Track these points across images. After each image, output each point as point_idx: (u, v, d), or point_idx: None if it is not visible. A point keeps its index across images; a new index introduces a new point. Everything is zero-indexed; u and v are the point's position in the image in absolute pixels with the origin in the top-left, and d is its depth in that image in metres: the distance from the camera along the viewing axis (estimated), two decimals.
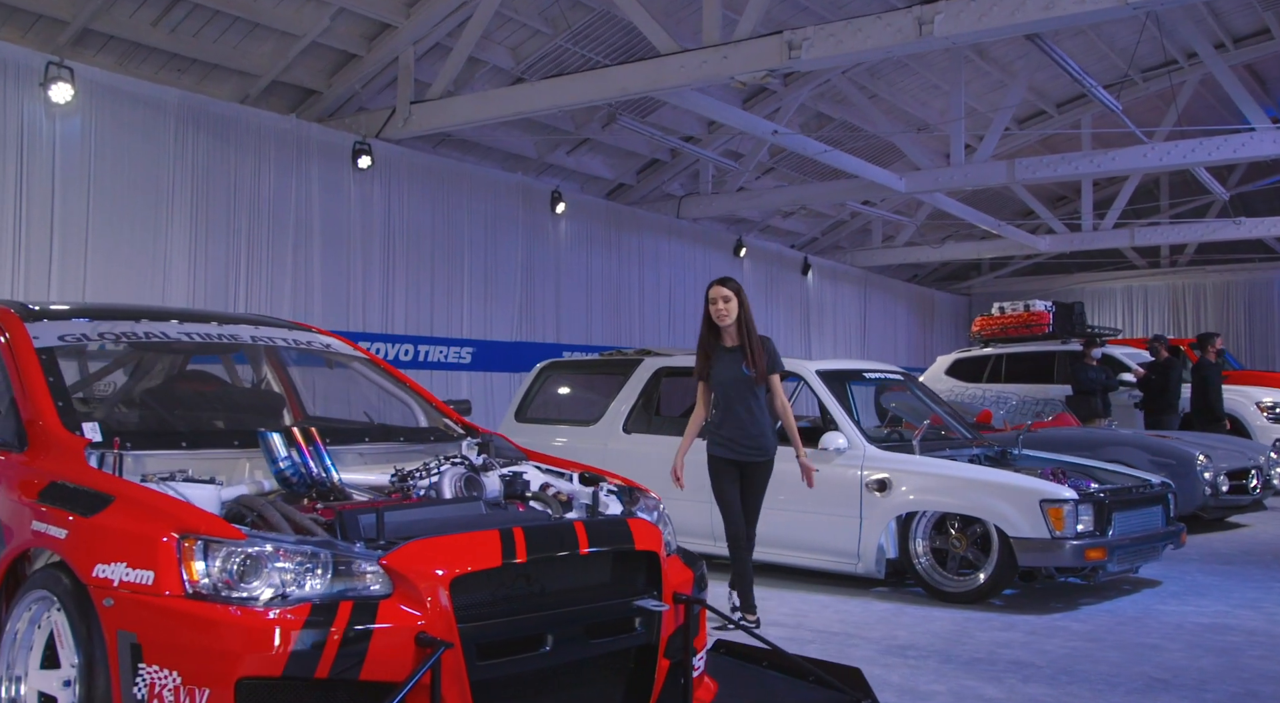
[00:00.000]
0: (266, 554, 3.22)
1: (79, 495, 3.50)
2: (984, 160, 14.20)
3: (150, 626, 3.15)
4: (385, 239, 12.14)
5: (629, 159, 16.03)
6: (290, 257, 11.21)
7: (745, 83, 10.07)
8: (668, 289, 16.00)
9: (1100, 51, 16.42)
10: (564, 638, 3.52)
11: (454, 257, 12.86)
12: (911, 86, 16.47)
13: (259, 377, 5.66)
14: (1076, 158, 13.78)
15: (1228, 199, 17.24)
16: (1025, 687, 4.88)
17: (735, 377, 6.00)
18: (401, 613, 3.21)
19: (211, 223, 10.54)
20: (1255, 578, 7.68)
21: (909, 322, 21.97)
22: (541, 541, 3.56)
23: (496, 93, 11.44)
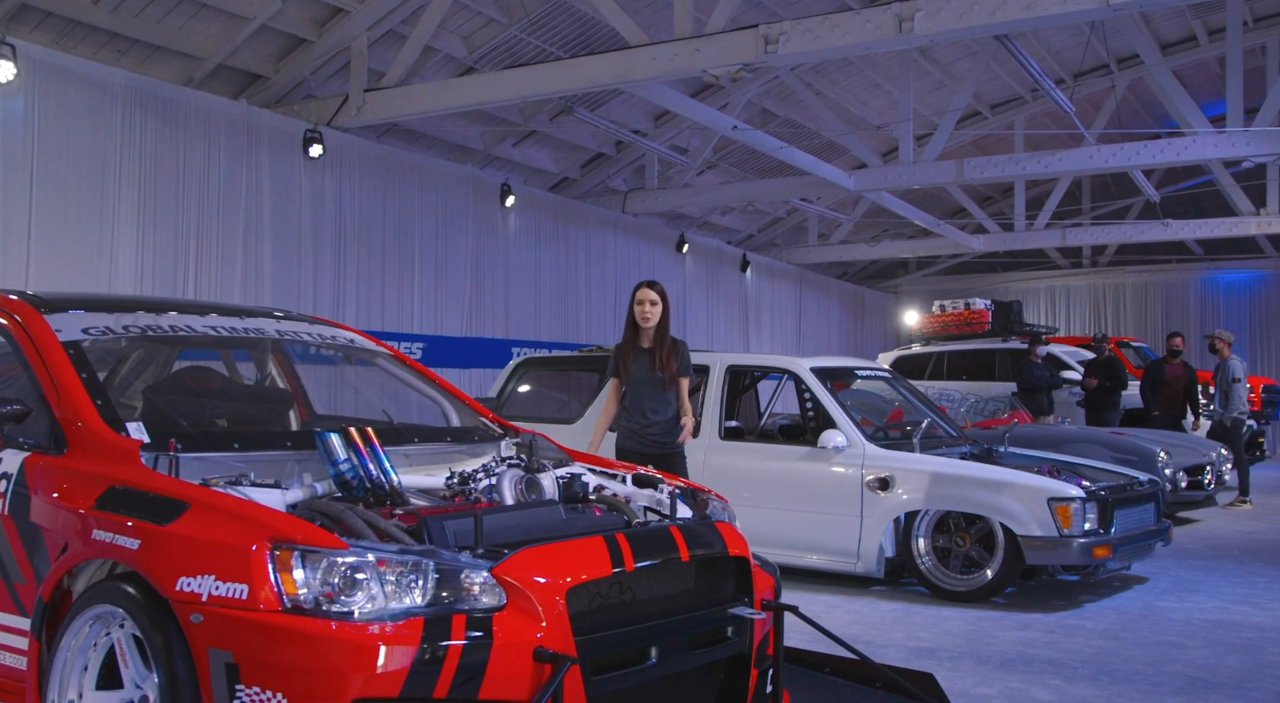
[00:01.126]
0: (368, 565, 3.00)
1: (148, 502, 3.23)
2: (931, 160, 14.30)
3: (247, 644, 2.91)
4: (337, 231, 11.75)
5: (574, 152, 15.81)
6: (240, 247, 10.78)
7: (718, 77, 9.96)
8: (614, 285, 15.83)
9: (1038, 54, 16.67)
10: (667, 649, 3.36)
11: (405, 250, 12.52)
12: (855, 85, 16.54)
13: (263, 373, 5.36)
14: (1024, 158, 13.98)
15: (1158, 201, 17.67)
16: (1072, 688, 4.85)
17: (646, 376, 6.12)
18: (517, 626, 3.02)
19: (159, 211, 10.07)
20: (1235, 573, 7.83)
21: (841, 318, 22.15)
22: (646, 547, 3.40)
23: (457, 82, 11.16)
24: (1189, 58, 16.68)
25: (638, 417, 6.19)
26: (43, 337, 3.94)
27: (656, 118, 15.38)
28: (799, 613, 3.87)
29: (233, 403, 4.85)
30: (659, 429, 6.17)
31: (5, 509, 3.63)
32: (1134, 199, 21.22)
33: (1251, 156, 12.83)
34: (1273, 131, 12.29)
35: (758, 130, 13.02)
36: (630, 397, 6.23)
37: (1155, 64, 13.31)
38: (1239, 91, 12.71)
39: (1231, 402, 12.10)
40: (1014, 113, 17.89)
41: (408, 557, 3.05)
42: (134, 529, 3.17)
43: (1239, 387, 12.15)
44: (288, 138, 11.25)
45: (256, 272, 10.92)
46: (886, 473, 6.98)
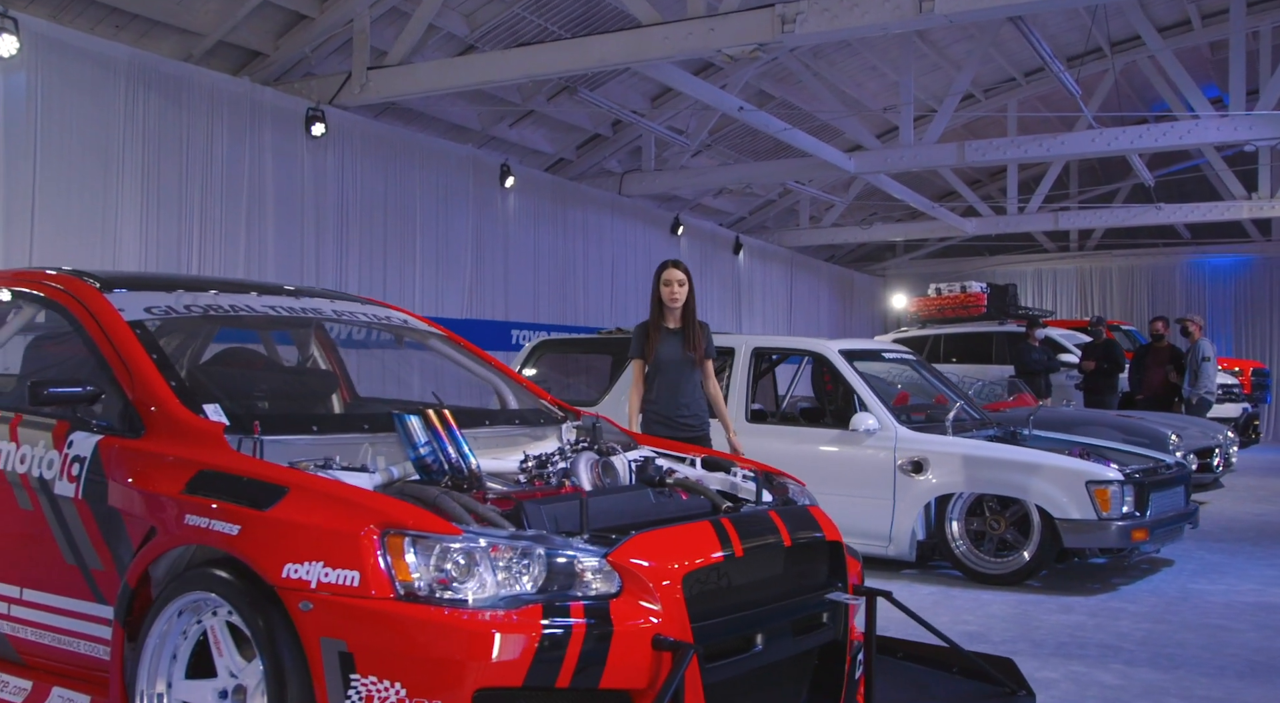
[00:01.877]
0: (480, 550, 2.91)
1: (244, 486, 3.12)
2: (932, 142, 14.28)
3: (362, 632, 2.82)
4: (340, 210, 11.58)
5: (571, 133, 15.67)
6: (244, 226, 10.60)
7: (732, 57, 9.86)
8: (610, 267, 15.73)
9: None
10: (772, 636, 3.30)
11: (406, 231, 12.36)
12: (851, 67, 16.47)
13: (305, 355, 5.25)
14: (1026, 141, 13.97)
15: (1153, 185, 17.73)
16: (1135, 672, 4.84)
17: (676, 358, 5.98)
18: (635, 613, 2.94)
19: (163, 188, 9.88)
20: (1257, 556, 7.87)
21: (831, 301, 22.14)
22: (751, 532, 3.33)
23: (463, 60, 10.99)
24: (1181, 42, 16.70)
25: (668, 399, 6.04)
26: (107, 316, 3.81)
27: (654, 99, 15.25)
28: (892, 599, 3.81)
29: (277, 386, 4.74)
30: (689, 412, 6.05)
31: (79, 494, 3.52)
32: (1120, 184, 21.32)
33: (1253, 141, 12.87)
34: (1275, 116, 12.31)
35: (762, 111, 12.91)
36: (658, 379, 6.08)
37: (1159, 49, 13.31)
38: (1241, 75, 12.74)
39: (1200, 380, 12.24)
40: (1006, 96, 17.87)
41: (519, 542, 2.96)
42: (232, 514, 3.06)
43: (1208, 365, 12.31)
44: (290, 116, 11.07)
45: (260, 250, 10.75)
46: (920, 456, 6.95)
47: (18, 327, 4.39)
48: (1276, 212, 17.24)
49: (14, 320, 4.39)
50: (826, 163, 14.40)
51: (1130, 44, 16.05)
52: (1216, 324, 21.44)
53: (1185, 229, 21.07)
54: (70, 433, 3.63)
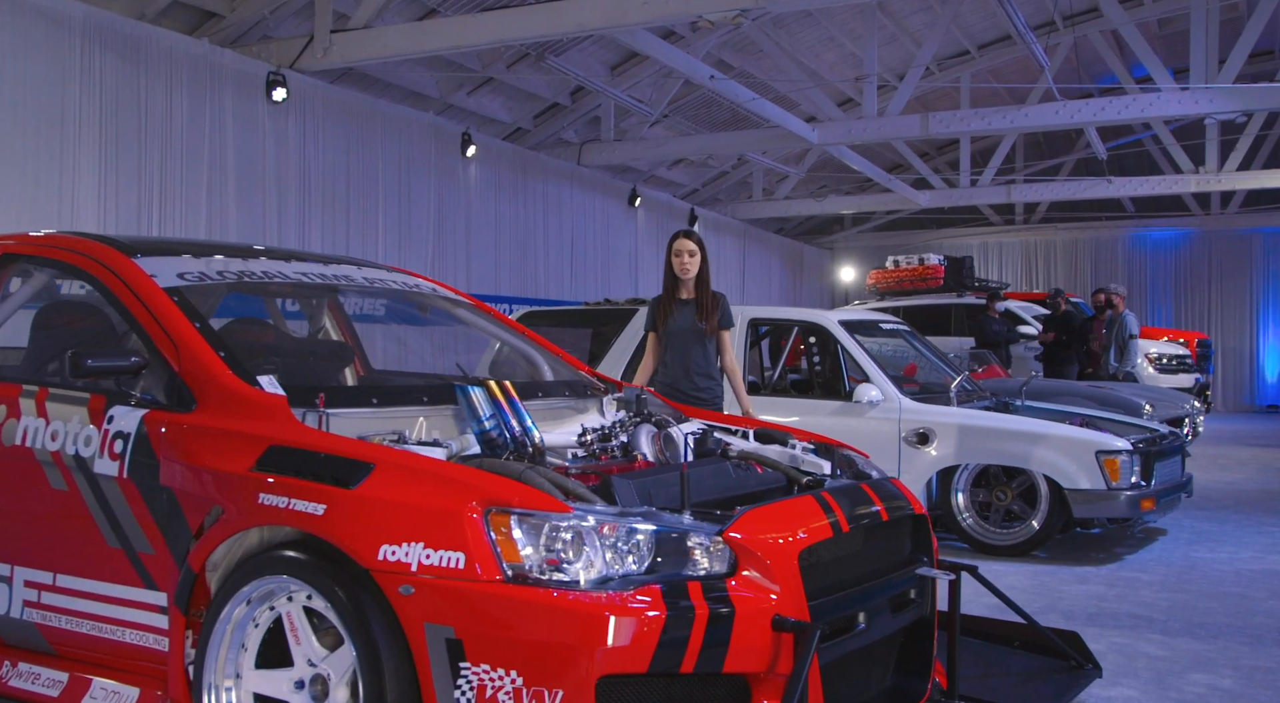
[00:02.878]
0: (589, 528, 2.75)
1: (325, 463, 2.92)
2: (896, 114, 14.24)
3: (471, 617, 2.64)
4: (301, 178, 11.21)
5: (528, 102, 15.37)
6: (205, 192, 10.20)
7: (714, 23, 9.68)
8: (569, 238, 15.50)
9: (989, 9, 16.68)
10: (873, 614, 3.18)
11: (368, 200, 12.03)
12: (810, 38, 16.37)
13: (317, 326, 5.01)
14: (990, 112, 13.99)
15: (1105, 158, 17.92)
16: (1176, 642, 4.82)
17: (689, 328, 5.84)
18: (753, 592, 2.80)
19: (121, 153, 9.46)
20: (1245, 524, 7.97)
21: (782, 274, 22.12)
22: (853, 506, 3.21)
23: (433, 23, 10.68)
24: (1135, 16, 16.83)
25: (678, 371, 5.89)
26: (141, 283, 3.56)
27: (614, 68, 15.01)
28: (977, 574, 3.72)
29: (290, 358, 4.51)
30: (701, 383, 5.90)
31: (124, 473, 3.28)
32: (1065, 157, 21.55)
33: (1213, 113, 13.01)
34: (1237, 88, 12.46)
35: (731, 80, 12.75)
36: (669, 350, 5.94)
37: (1122, 22, 13.38)
38: (1201, 48, 12.86)
39: (1126, 356, 12.41)
40: (960, 68, 17.91)
41: (628, 519, 2.80)
42: (315, 493, 2.85)
43: (1135, 343, 12.46)
44: (250, 80, 10.67)
45: (221, 218, 10.38)
46: (925, 427, 6.89)
47: (28, 296, 4.11)
48: (1223, 185, 17.56)
49: (24, 289, 4.10)
50: (788, 133, 14.30)
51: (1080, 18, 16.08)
52: (1157, 296, 21.87)
53: (1130, 203, 21.37)
54: (109, 407, 3.38)
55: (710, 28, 10.22)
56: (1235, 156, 17.11)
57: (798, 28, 15.85)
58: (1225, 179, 17.24)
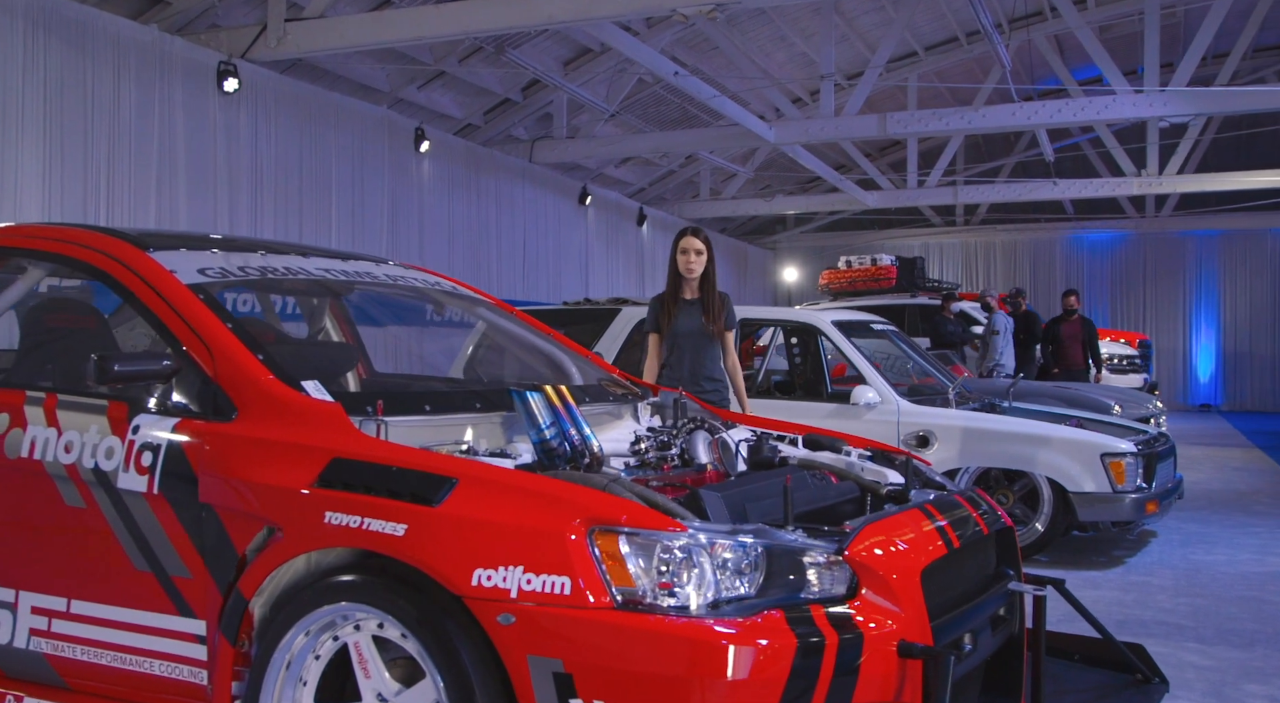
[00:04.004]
0: (701, 547, 2.51)
1: (399, 477, 2.64)
2: (853, 114, 14.18)
3: (581, 649, 2.39)
4: (254, 172, 10.78)
5: (480, 97, 15.02)
6: (154, 185, 9.74)
7: (687, 17, 9.49)
8: (521, 236, 15.19)
9: (939, 12, 16.76)
10: (976, 634, 2.98)
11: (321, 194, 11.62)
12: (762, 37, 16.27)
13: (317, 327, 4.70)
14: (947, 113, 13.98)
15: (1053, 160, 18.09)
16: (1215, 650, 4.73)
17: (693, 329, 5.63)
18: (876, 616, 2.58)
19: (67, 143, 8.97)
20: (1228, 525, 7.97)
21: (725, 273, 21.97)
22: (958, 521, 3.01)
23: (396, 13, 10.32)
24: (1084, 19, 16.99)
25: (685, 374, 5.64)
26: (163, 281, 3.24)
27: (567, 63, 14.74)
28: (1063, 589, 3.55)
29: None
30: (707, 386, 5.66)
31: (154, 488, 2.96)
32: (1004, 160, 21.77)
33: (1168, 116, 13.15)
34: (1190, 92, 12.59)
35: (694, 77, 12.57)
36: (673, 352, 5.70)
37: (1077, 25, 13.46)
38: (1155, 51, 12.98)
39: (988, 353, 12.64)
40: (907, 69, 17.95)
41: (743, 538, 2.57)
42: (394, 511, 2.58)
43: (996, 339, 12.69)
44: (201, 69, 10.22)
45: (171, 212, 9.93)
46: (925, 430, 6.75)
47: (20, 294, 3.75)
48: (1164, 188, 17.82)
49: (17, 287, 3.74)
50: (745, 132, 14.15)
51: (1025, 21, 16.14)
52: (1094, 297, 22.17)
53: (1070, 205, 21.63)
54: (133, 416, 3.06)
55: (684, 21, 10.02)
56: (1176, 160, 17.36)
57: (751, 26, 15.73)
58: (1167, 182, 17.49)
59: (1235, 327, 21.41)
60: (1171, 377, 21.38)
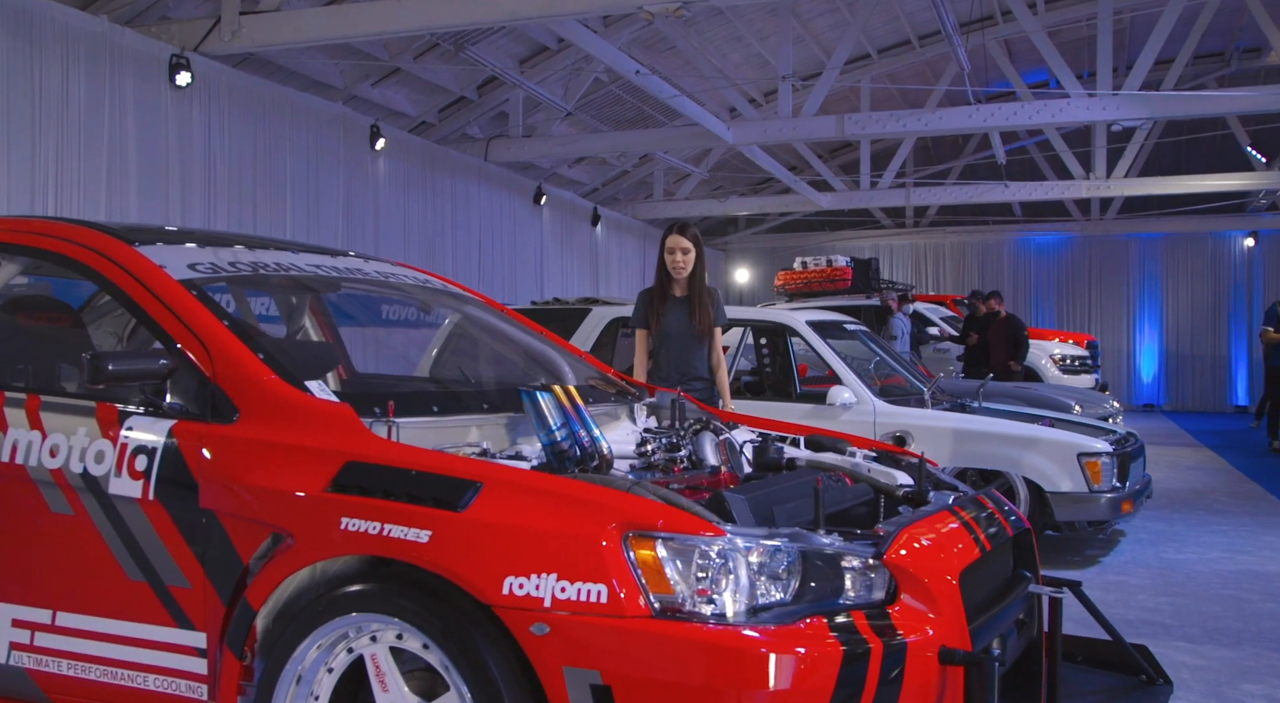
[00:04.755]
0: (738, 552, 2.42)
1: (419, 481, 2.52)
2: (811, 114, 14.18)
3: (619, 660, 2.30)
4: (206, 168, 10.52)
5: (435, 95, 14.82)
6: (104, 181, 9.47)
7: (654, 14, 9.41)
8: (477, 236, 15.01)
9: (892, 14, 16.84)
10: (1005, 638, 2.93)
11: (276, 192, 11.37)
12: (718, 38, 16.25)
13: (296, 326, 4.54)
14: (904, 115, 14.03)
15: (1005, 162, 18.26)
16: (1204, 649, 4.73)
17: (681, 329, 5.54)
18: (916, 622, 2.51)
19: (14, 137, 8.68)
20: (1193, 523, 8.05)
21: None
22: (987, 523, 2.95)
23: (355, 7, 10.09)
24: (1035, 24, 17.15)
25: (673, 374, 5.54)
26: (153, 277, 3.08)
27: (522, 61, 14.60)
28: (1079, 591, 3.51)
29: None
30: (696, 386, 5.54)
31: (149, 494, 2.82)
32: (952, 162, 21.95)
33: (1121, 120, 13.30)
34: (1146, 95, 12.75)
35: (655, 76, 12.49)
36: (663, 350, 5.58)
37: (1032, 29, 13.57)
38: (1109, 55, 13.13)
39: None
40: (860, 72, 18.02)
41: (779, 542, 2.48)
42: (417, 517, 2.46)
43: (893, 344, 12.87)
44: (152, 62, 9.95)
45: (122, 208, 9.65)
46: (902, 431, 6.73)
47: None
48: (1112, 191, 18.06)
49: None
50: (703, 132, 14.09)
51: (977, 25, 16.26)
52: (1041, 298, 22.45)
53: (1019, 207, 21.87)
54: (125, 418, 2.91)
55: (650, 19, 9.94)
56: (1123, 164, 17.61)
57: (707, 27, 15.70)
58: (1114, 185, 17.73)
59: (1177, 328, 21.77)
60: (1116, 377, 21.68)
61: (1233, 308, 21.48)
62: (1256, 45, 18.99)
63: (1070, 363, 14.89)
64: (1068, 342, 16.11)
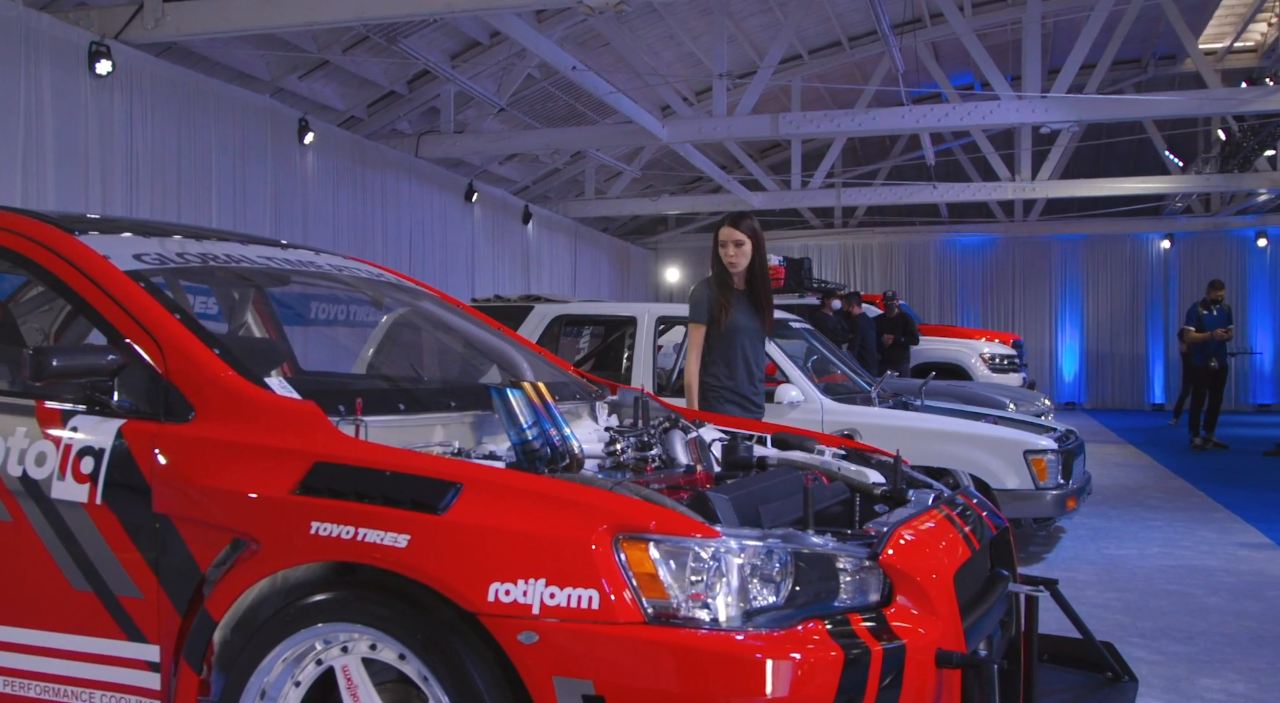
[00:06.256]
0: (732, 553, 2.33)
1: (395, 483, 2.39)
2: (745, 113, 14.17)
3: (612, 668, 2.19)
4: (128, 160, 10.16)
5: (364, 89, 14.53)
6: (20, 173, 9.09)
7: (593, 9, 9.28)
8: (407, 233, 14.76)
9: (824, 15, 16.92)
10: (992, 638, 2.88)
11: (201, 186, 11.03)
12: (651, 36, 16.18)
13: (238, 322, 4.35)
14: (838, 115, 14.08)
15: (933, 164, 18.45)
16: (1161, 646, 4.76)
17: (746, 325, 5.15)
18: (913, 624, 2.44)
19: None
20: (1127, 519, 8.16)
21: (610, 273, 21.86)
22: (973, 522, 2.89)
23: None
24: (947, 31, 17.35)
25: (742, 373, 5.14)
26: (98, 268, 2.90)
27: (454, 56, 14.38)
28: (1055, 590, 3.47)
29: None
30: (760, 390, 5.22)
31: (96, 498, 2.64)
32: (881, 163, 22.15)
33: (1050, 122, 13.49)
34: (1073, 98, 12.95)
35: (591, 73, 12.37)
36: (728, 350, 5.15)
37: (963, 32, 13.71)
38: (1037, 59, 13.31)
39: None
40: (792, 72, 18.07)
41: (771, 543, 2.39)
42: (394, 520, 2.32)
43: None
44: (71, 50, 9.59)
45: (39, 201, 9.27)
46: (850, 429, 6.68)
47: None
48: (1037, 193, 18.35)
49: None
50: (637, 129, 14.00)
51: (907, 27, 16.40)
52: (966, 298, 22.75)
53: (945, 208, 22.14)
54: (68, 417, 2.73)
55: (590, 13, 9.81)
56: (1047, 166, 17.90)
57: (641, 24, 15.62)
58: (1039, 187, 18.01)
59: (1097, 328, 22.21)
60: (1040, 376, 22.04)
61: (1150, 308, 21.98)
62: (1172, 52, 19.47)
63: (999, 362, 15.08)
64: (995, 341, 16.32)
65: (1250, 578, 6.12)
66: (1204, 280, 17.24)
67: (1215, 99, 13.13)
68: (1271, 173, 17.28)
